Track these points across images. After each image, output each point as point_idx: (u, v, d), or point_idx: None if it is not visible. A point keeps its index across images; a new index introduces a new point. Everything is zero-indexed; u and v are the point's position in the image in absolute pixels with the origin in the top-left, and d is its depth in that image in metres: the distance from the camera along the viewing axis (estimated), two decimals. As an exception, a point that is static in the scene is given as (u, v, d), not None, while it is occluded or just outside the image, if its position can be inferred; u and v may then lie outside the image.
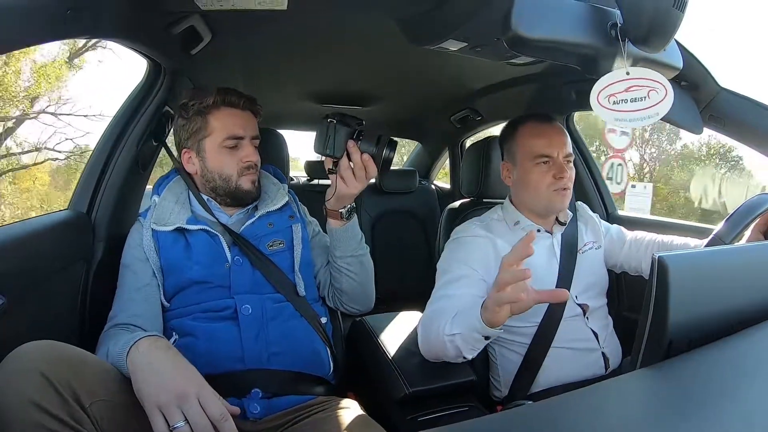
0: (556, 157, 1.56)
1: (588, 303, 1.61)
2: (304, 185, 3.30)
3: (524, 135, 1.62)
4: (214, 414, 0.96)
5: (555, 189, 1.55)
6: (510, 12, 1.08)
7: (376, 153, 1.31)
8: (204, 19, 1.48)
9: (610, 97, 1.15)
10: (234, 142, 1.43)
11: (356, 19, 1.59)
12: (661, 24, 1.08)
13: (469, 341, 1.25)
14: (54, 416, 0.85)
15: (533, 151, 1.57)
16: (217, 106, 1.42)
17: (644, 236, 1.73)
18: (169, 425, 0.94)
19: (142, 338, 1.06)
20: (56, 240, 1.37)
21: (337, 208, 1.41)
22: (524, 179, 1.60)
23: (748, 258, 0.92)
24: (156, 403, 0.95)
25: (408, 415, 1.38)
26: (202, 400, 0.97)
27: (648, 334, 0.74)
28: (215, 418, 0.96)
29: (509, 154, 1.67)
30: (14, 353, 0.89)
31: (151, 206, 1.45)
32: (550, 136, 1.58)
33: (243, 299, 1.33)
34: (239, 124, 1.44)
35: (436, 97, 2.66)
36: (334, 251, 1.48)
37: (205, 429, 0.95)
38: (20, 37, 0.97)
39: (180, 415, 0.94)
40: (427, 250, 3.21)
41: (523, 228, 1.61)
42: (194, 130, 1.44)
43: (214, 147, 1.43)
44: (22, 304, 1.17)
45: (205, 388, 1.00)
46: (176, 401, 0.95)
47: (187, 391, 0.97)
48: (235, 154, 1.43)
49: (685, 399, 0.64)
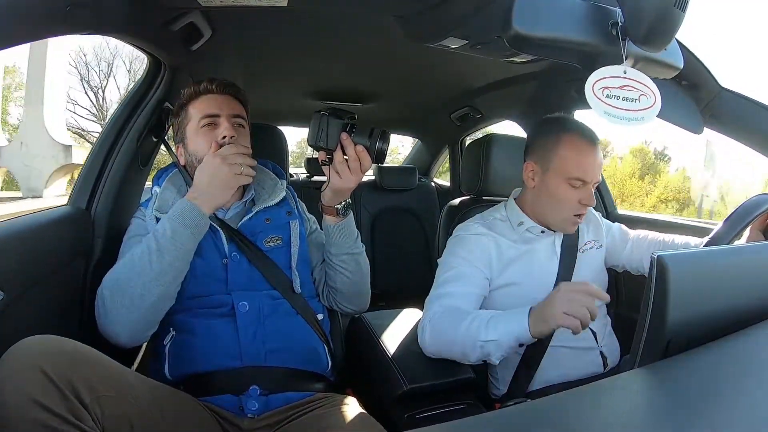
0: (589, 182, 1.50)
1: None
2: (304, 182, 3.30)
3: (569, 147, 1.51)
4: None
5: (576, 214, 1.52)
6: (511, 10, 1.08)
7: (370, 145, 1.31)
8: (204, 15, 1.48)
9: (605, 89, 1.15)
10: (209, 120, 1.43)
11: (356, 16, 1.59)
12: (662, 23, 1.08)
13: (503, 348, 1.25)
14: (55, 413, 0.85)
15: (573, 170, 1.49)
16: (196, 95, 1.45)
17: (646, 235, 1.73)
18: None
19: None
20: (56, 235, 1.37)
21: (333, 203, 1.41)
22: (550, 191, 1.53)
23: (747, 258, 0.92)
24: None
25: (406, 412, 1.38)
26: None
27: (646, 333, 0.74)
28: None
29: (542, 157, 1.55)
30: (14, 349, 0.89)
31: (152, 196, 1.45)
32: (592, 161, 1.50)
33: (240, 296, 1.33)
34: (214, 104, 1.45)
35: (436, 94, 2.67)
36: (330, 248, 1.48)
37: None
38: (19, 33, 0.97)
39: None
40: (426, 248, 3.21)
41: (527, 228, 1.59)
42: (179, 123, 1.47)
43: (193, 131, 1.44)
44: (21, 300, 1.17)
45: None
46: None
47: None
48: (211, 133, 1.42)
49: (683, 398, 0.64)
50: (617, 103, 1.15)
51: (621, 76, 1.14)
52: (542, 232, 1.60)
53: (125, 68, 23.42)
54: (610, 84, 1.15)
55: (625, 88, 1.15)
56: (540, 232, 1.60)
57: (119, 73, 23.74)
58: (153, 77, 1.61)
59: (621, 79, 1.15)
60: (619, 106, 1.15)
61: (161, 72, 1.61)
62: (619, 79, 1.15)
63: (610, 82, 1.15)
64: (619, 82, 1.15)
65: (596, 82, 1.15)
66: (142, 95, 1.60)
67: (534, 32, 1.11)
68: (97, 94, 23.40)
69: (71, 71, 20.76)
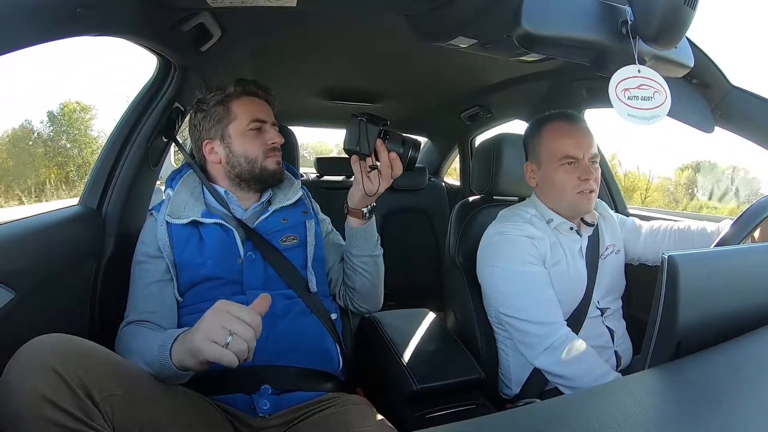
0: (582, 158, 1.53)
1: (609, 306, 1.62)
2: (314, 181, 3.31)
3: (549, 135, 1.59)
4: (249, 320, 0.99)
5: (580, 191, 1.53)
6: (520, 9, 1.08)
7: (403, 152, 1.32)
8: (213, 16, 1.48)
9: (626, 91, 1.15)
10: (258, 125, 1.47)
11: (366, 15, 1.59)
12: (672, 21, 1.07)
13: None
14: (66, 411, 0.85)
15: (559, 151, 1.55)
16: (238, 95, 1.48)
17: (659, 225, 1.71)
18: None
19: (179, 334, 1.07)
20: (67, 235, 1.38)
21: (360, 206, 1.42)
22: (549, 180, 1.59)
23: (757, 258, 0.91)
24: (205, 337, 0.97)
25: (416, 411, 1.39)
26: (236, 314, 0.99)
27: (657, 333, 0.74)
28: (254, 323, 0.99)
29: (533, 154, 1.65)
30: (25, 348, 0.90)
31: (165, 200, 1.46)
32: (577, 137, 1.55)
33: (255, 295, 1.32)
34: (261, 109, 1.49)
35: (445, 93, 2.66)
36: (351, 249, 1.49)
37: (250, 334, 0.98)
38: (30, 35, 0.98)
39: (226, 332, 0.96)
40: (436, 248, 3.20)
41: (555, 226, 1.60)
42: (216, 119, 1.47)
43: (239, 131, 1.46)
44: (33, 299, 1.18)
45: (228, 304, 1.01)
46: (218, 324, 0.97)
47: (218, 311, 0.99)
48: (259, 136, 1.47)
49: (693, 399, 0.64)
50: (637, 104, 1.14)
51: (636, 75, 1.14)
52: (570, 228, 1.61)
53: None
54: (629, 85, 1.14)
55: (641, 87, 1.14)
56: (569, 228, 1.61)
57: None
58: (163, 78, 1.62)
59: (637, 78, 1.14)
60: (639, 106, 1.14)
61: (171, 72, 1.62)
62: (635, 79, 1.14)
63: (629, 83, 1.14)
64: (636, 82, 1.14)
65: (618, 84, 1.14)
66: (152, 96, 1.61)
67: (543, 31, 1.10)
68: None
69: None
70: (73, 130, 16.33)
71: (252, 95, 1.50)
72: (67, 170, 15.76)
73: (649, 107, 1.14)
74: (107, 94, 23.62)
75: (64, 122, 16.32)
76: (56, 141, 16.17)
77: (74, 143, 16.23)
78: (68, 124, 16.36)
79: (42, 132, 16.35)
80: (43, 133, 16.34)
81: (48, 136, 16.33)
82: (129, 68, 13.39)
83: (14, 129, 16.27)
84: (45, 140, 16.22)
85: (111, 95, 15.23)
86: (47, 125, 16.43)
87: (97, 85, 31.35)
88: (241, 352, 0.96)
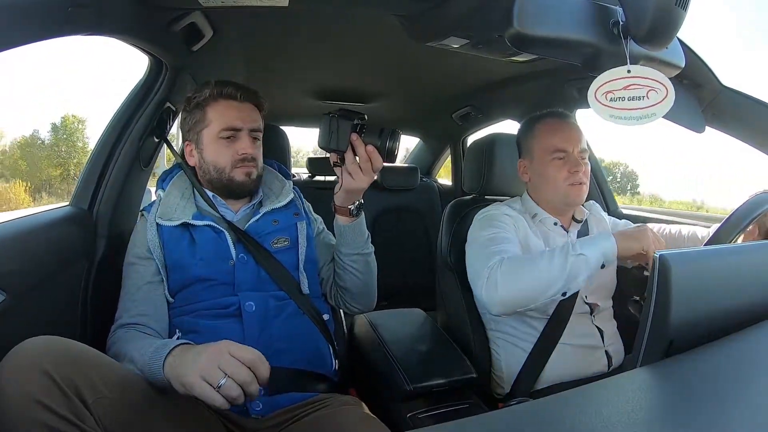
0: (572, 152, 1.60)
1: (598, 303, 1.63)
2: (306, 182, 3.30)
3: (541, 131, 1.67)
4: (249, 360, 0.98)
5: (571, 183, 1.59)
6: (512, 9, 1.08)
7: (380, 144, 1.30)
8: (205, 16, 1.48)
9: (608, 93, 1.16)
10: (230, 133, 1.42)
11: (358, 15, 1.59)
12: (664, 22, 1.07)
13: (585, 268, 1.37)
14: (57, 413, 0.85)
15: (549, 146, 1.62)
16: (215, 98, 1.43)
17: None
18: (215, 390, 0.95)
19: (176, 346, 1.06)
20: (58, 236, 1.37)
21: (346, 204, 1.40)
22: (541, 174, 1.65)
23: (749, 257, 0.92)
24: (198, 374, 0.95)
25: (409, 411, 1.39)
26: (234, 353, 0.98)
27: (649, 332, 0.74)
28: (253, 364, 0.98)
29: (526, 150, 1.72)
30: (16, 350, 0.89)
31: (155, 200, 1.44)
32: (566, 132, 1.63)
33: (247, 296, 1.33)
34: (236, 115, 1.43)
35: (437, 94, 2.67)
36: (341, 248, 1.48)
37: (246, 376, 0.96)
38: (21, 35, 0.97)
39: (221, 373, 0.95)
40: (428, 247, 3.20)
41: (541, 220, 1.66)
42: (194, 122, 1.45)
43: (211, 138, 1.43)
44: (24, 300, 1.17)
45: (233, 344, 1.01)
46: (214, 363, 0.96)
47: (220, 350, 0.98)
48: (230, 146, 1.43)
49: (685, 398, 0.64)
50: (622, 105, 1.15)
51: (625, 76, 1.14)
52: (555, 224, 1.66)
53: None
54: (613, 87, 1.15)
55: (630, 87, 1.15)
56: (552, 224, 1.66)
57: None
58: (154, 78, 1.61)
59: (625, 79, 1.14)
60: (625, 107, 1.15)
61: (162, 73, 1.61)
62: (622, 80, 1.15)
63: (614, 85, 1.15)
64: (623, 83, 1.15)
65: (599, 87, 1.16)
66: (143, 96, 1.60)
67: (535, 31, 1.11)
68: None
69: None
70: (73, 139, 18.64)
71: (230, 98, 1.44)
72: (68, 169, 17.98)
73: (640, 107, 1.15)
74: (106, 94, 24.77)
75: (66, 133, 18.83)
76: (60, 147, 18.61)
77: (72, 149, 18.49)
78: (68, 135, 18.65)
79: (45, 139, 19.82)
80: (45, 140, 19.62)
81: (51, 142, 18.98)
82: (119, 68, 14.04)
83: (24, 137, 20.13)
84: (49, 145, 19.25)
85: (110, 95, 16.02)
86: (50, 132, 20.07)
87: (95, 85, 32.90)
88: (231, 398, 0.95)
